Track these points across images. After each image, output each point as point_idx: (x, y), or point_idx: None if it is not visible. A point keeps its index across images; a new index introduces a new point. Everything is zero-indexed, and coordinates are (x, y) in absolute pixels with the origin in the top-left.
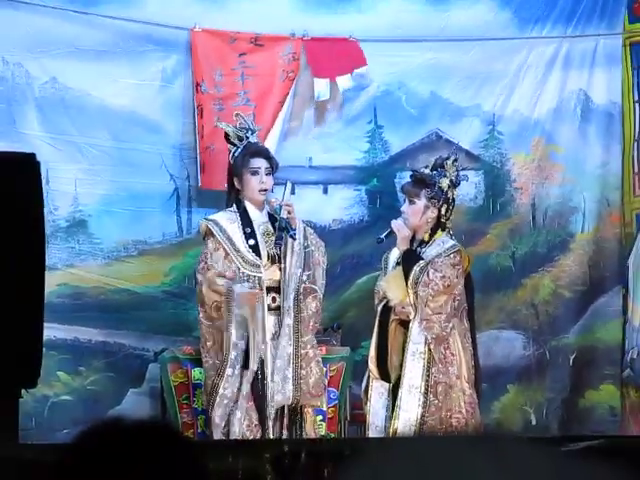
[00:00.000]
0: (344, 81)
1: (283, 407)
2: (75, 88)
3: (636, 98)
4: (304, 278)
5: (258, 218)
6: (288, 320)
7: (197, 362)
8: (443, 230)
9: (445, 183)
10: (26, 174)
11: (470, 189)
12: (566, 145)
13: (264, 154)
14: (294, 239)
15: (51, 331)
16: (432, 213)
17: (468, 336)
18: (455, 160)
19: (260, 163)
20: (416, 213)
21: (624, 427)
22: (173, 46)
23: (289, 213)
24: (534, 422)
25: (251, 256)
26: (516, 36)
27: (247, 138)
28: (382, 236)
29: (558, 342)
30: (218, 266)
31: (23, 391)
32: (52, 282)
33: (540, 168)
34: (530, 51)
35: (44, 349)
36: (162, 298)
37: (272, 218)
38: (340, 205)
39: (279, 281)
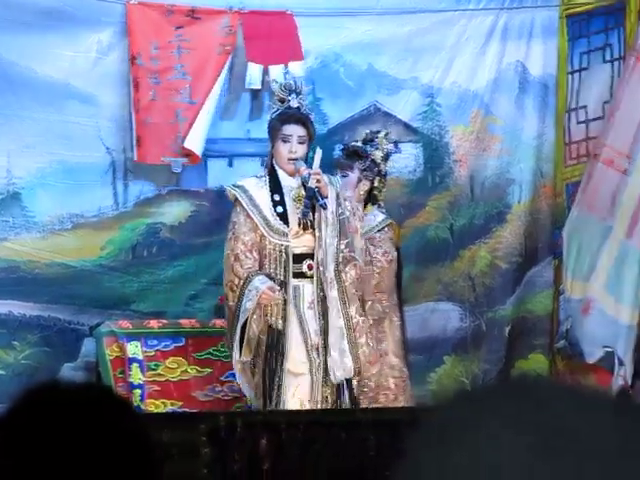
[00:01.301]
0: (277, 72)
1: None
2: (9, 60)
3: (570, 69)
4: (342, 247)
5: (290, 184)
6: (333, 292)
7: (133, 336)
8: (374, 204)
9: (378, 156)
10: None
11: (409, 161)
12: (504, 117)
13: (300, 121)
14: (324, 208)
15: None
16: (364, 186)
17: (397, 310)
18: (387, 133)
19: (293, 130)
20: (349, 186)
21: None
22: (108, 18)
23: (318, 182)
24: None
25: (278, 224)
26: (453, 8)
27: (288, 101)
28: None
29: (494, 313)
30: (246, 238)
31: None
32: None
33: (479, 140)
34: (468, 23)
35: None
36: (98, 272)
37: (305, 185)
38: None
39: (313, 248)
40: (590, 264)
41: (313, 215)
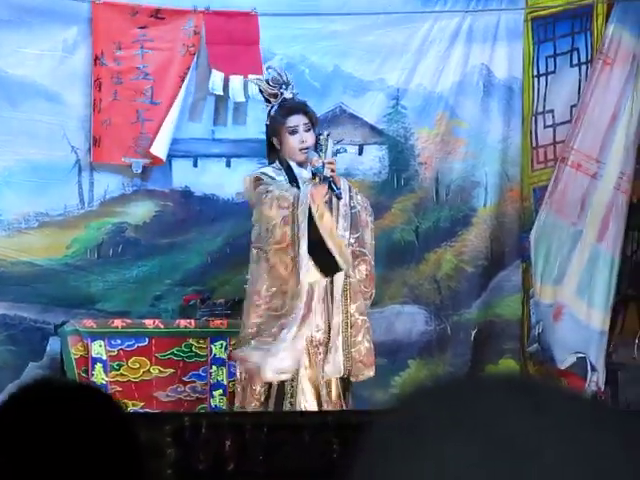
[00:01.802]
0: (236, 82)
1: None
2: None
3: (535, 73)
4: (352, 241)
5: (303, 176)
6: (338, 287)
7: (97, 335)
8: None
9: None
10: None
11: (374, 163)
12: (469, 120)
13: (302, 110)
14: (340, 199)
15: None
16: None
17: None
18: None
19: (298, 120)
20: None
21: None
22: (74, 17)
23: (332, 171)
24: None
25: None
26: (419, 10)
27: (282, 94)
28: None
29: (460, 317)
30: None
31: None
32: None
33: (444, 143)
34: (433, 25)
35: None
36: (63, 270)
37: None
38: (242, 179)
39: None
40: (560, 268)
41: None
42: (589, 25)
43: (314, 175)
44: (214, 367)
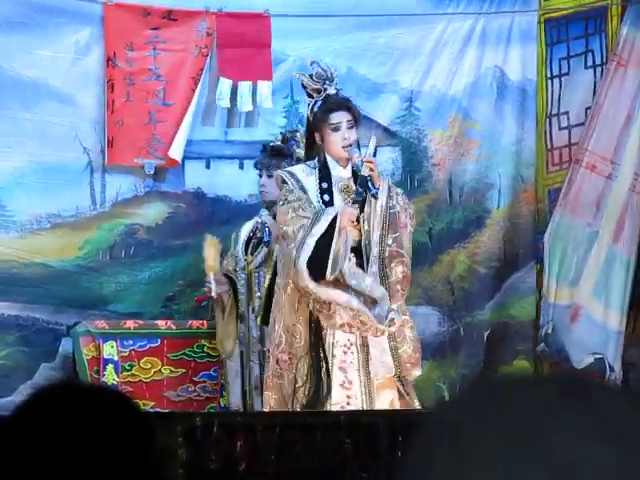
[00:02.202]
0: (244, 90)
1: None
2: None
3: (549, 75)
4: (389, 241)
5: (339, 174)
6: None
7: (109, 336)
8: None
9: (301, 154)
10: None
11: (387, 165)
12: (482, 121)
13: (345, 107)
14: (376, 198)
15: None
16: None
17: None
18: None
19: (341, 117)
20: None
21: None
22: (87, 18)
23: (371, 170)
24: (447, 398)
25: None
26: (432, 12)
27: (325, 90)
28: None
29: (473, 318)
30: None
31: None
32: None
33: (457, 144)
34: (446, 27)
35: None
36: (76, 272)
37: (357, 176)
38: (256, 180)
39: (359, 242)
40: (577, 270)
41: (362, 209)
42: (603, 27)
43: (354, 173)
44: (225, 367)
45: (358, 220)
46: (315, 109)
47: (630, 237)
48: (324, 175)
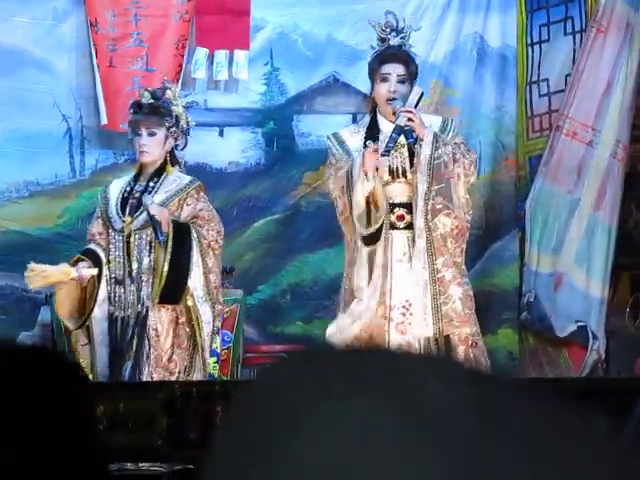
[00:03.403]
0: (220, 58)
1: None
2: None
3: (529, 42)
4: (433, 194)
5: (387, 129)
6: (420, 243)
7: None
8: (173, 165)
9: (178, 111)
10: None
11: None
12: (463, 89)
13: (400, 59)
14: (412, 147)
15: None
16: (169, 145)
17: None
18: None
19: (392, 69)
20: (158, 144)
21: (523, 371)
22: None
23: (410, 120)
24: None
25: None
26: None
27: (388, 40)
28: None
29: None
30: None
31: None
32: None
33: (438, 112)
34: None
35: None
36: (55, 240)
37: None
38: (236, 148)
39: (409, 196)
40: (558, 237)
41: (411, 161)
42: None
43: (397, 126)
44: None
45: (405, 175)
46: (372, 58)
47: (611, 204)
48: (372, 132)
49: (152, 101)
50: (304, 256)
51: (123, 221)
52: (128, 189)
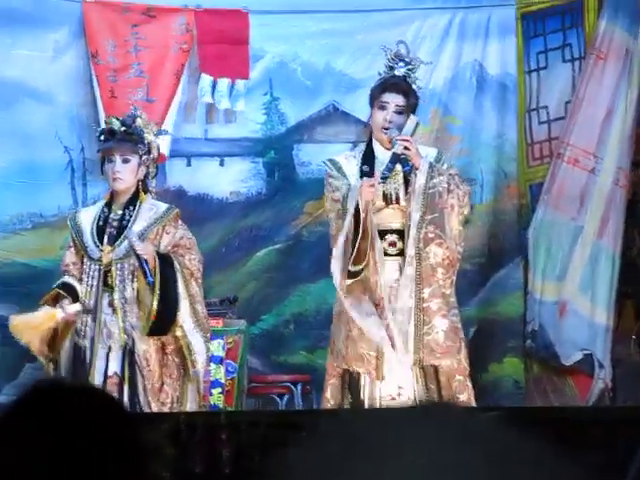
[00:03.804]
0: (223, 87)
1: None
2: None
3: (526, 69)
4: (427, 223)
5: (382, 156)
6: (409, 271)
7: None
8: (146, 192)
9: (150, 139)
10: None
11: None
12: (463, 116)
13: (401, 89)
14: (408, 176)
15: None
16: (141, 173)
17: None
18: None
19: (391, 98)
20: (132, 172)
21: (528, 399)
22: (65, 17)
23: (406, 149)
24: None
25: None
26: (410, 7)
27: (392, 69)
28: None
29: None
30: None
31: None
32: None
33: (438, 140)
34: (424, 22)
35: None
36: (58, 271)
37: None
38: (237, 177)
39: (401, 223)
40: (562, 265)
41: (406, 189)
42: (580, 20)
43: (393, 154)
44: (212, 365)
45: (398, 201)
46: (374, 85)
47: (615, 231)
48: (367, 158)
49: (124, 128)
50: (306, 286)
51: (101, 250)
52: (102, 217)
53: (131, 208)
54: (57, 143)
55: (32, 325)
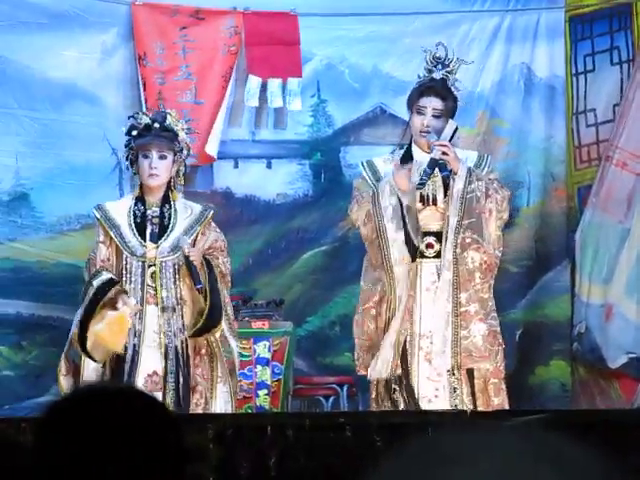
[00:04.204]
0: (274, 86)
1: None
2: (16, 61)
3: (574, 71)
4: (463, 227)
5: (421, 159)
6: (446, 275)
7: None
8: (179, 191)
9: (182, 135)
10: None
11: None
12: (510, 119)
13: (439, 94)
14: (447, 180)
15: None
16: (174, 170)
17: None
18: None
19: (429, 102)
20: (167, 169)
21: (575, 402)
22: (113, 19)
23: (444, 154)
24: None
25: None
26: (458, 9)
27: (431, 72)
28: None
29: (504, 318)
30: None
31: None
32: None
33: (485, 142)
34: (472, 24)
35: None
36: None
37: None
38: (284, 180)
39: (439, 225)
40: (609, 268)
41: (445, 192)
42: (629, 23)
43: (431, 159)
44: (259, 366)
45: (435, 203)
46: (414, 87)
47: None
48: (406, 160)
49: (157, 124)
50: (352, 287)
51: (143, 247)
52: (138, 213)
53: (167, 206)
54: (105, 145)
55: (116, 330)
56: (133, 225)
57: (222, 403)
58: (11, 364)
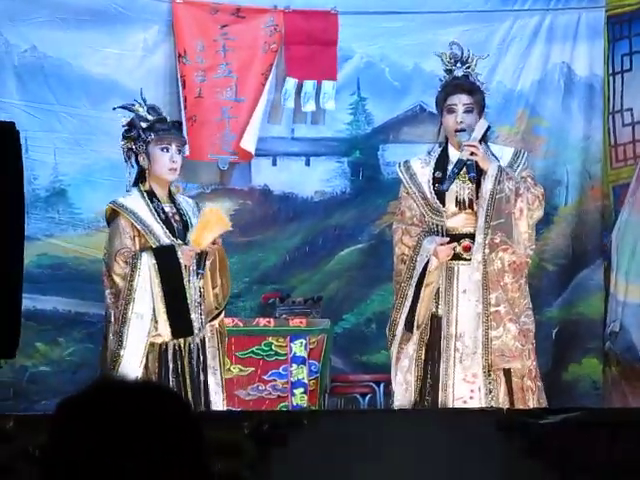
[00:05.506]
0: (309, 88)
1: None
2: (55, 57)
3: (611, 71)
4: (492, 228)
5: (456, 159)
6: (476, 276)
7: None
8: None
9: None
10: (5, 143)
11: None
12: (549, 118)
13: (466, 90)
14: (472, 182)
15: (30, 301)
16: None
17: None
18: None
19: (458, 99)
20: (181, 163)
21: (606, 400)
22: (154, 16)
23: (473, 154)
24: None
25: (434, 202)
26: (499, 8)
27: (451, 72)
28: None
29: (541, 316)
30: (410, 212)
31: (2, 361)
32: (32, 252)
33: (524, 141)
34: (513, 23)
35: (23, 319)
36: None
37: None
38: (322, 177)
39: (475, 228)
40: None
41: (477, 194)
42: None
43: (459, 160)
44: (294, 365)
45: (472, 206)
46: (439, 89)
47: None
48: (441, 163)
49: (166, 117)
50: (388, 285)
51: (178, 244)
52: (157, 209)
53: (177, 201)
54: None
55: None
56: (162, 223)
57: (212, 394)
58: (48, 360)
